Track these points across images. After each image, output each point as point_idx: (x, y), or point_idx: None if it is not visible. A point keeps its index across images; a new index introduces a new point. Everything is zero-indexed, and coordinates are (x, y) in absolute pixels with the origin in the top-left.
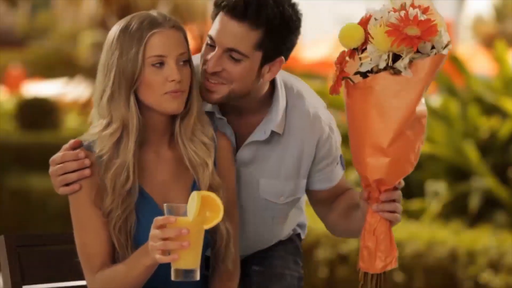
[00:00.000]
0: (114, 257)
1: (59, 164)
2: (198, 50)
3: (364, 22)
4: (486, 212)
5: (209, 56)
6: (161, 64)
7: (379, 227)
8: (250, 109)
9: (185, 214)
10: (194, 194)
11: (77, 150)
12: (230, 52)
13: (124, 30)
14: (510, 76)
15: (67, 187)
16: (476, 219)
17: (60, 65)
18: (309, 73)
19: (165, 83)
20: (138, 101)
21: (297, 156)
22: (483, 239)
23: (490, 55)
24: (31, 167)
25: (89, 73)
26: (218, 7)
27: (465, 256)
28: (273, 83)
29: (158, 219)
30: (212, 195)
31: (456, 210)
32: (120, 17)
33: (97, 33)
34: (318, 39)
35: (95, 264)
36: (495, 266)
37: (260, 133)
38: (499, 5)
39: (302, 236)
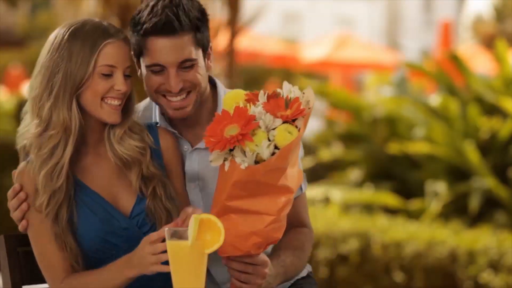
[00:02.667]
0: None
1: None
2: None
3: (253, 95)
4: (486, 212)
5: (164, 80)
6: (110, 75)
7: None
8: (202, 119)
9: (187, 237)
10: (193, 217)
11: (15, 186)
12: (183, 64)
13: (75, 34)
14: (510, 76)
15: (20, 224)
16: (476, 219)
17: None
18: (309, 73)
19: (109, 90)
20: (79, 106)
21: None
22: (483, 239)
23: (490, 55)
24: None
25: None
26: (140, 35)
27: (465, 256)
28: (215, 89)
29: (153, 235)
30: (213, 218)
31: (456, 210)
32: (120, 17)
33: None
34: (318, 39)
35: (57, 272)
36: (495, 266)
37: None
38: (499, 5)
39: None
